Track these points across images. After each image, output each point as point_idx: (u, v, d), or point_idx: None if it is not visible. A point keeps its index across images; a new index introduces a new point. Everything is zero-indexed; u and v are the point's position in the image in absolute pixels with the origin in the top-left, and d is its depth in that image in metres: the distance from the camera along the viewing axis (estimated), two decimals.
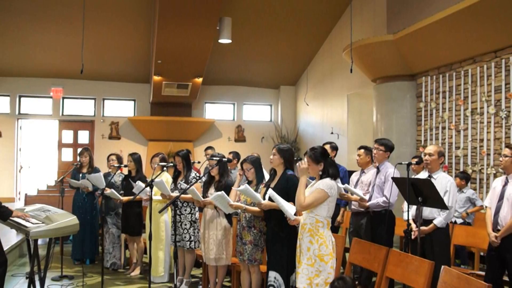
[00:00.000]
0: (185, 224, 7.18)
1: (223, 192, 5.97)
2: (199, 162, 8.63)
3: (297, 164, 4.92)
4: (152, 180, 6.40)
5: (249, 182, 6.07)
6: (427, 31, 9.59)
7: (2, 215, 5.28)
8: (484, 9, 8.19)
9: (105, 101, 18.52)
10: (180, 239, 7.16)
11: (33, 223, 5.15)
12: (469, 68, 9.39)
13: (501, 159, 5.64)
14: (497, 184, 5.73)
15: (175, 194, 6.96)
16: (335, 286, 4.34)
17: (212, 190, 6.55)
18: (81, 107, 18.34)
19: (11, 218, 5.29)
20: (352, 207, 6.91)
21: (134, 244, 8.41)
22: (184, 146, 9.44)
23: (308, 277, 4.75)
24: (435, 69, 10.32)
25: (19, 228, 5.26)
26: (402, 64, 10.78)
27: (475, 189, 9.06)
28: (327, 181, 4.83)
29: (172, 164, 7.07)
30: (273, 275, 5.41)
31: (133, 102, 18.81)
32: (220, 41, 14.19)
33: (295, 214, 5.05)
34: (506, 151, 5.60)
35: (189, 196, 6.70)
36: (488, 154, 8.86)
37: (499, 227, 5.48)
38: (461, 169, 9.46)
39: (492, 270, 5.57)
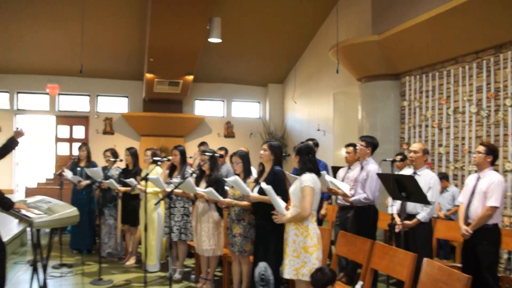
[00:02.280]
0: (177, 217, 7.43)
1: (211, 189, 6.22)
2: (190, 157, 8.87)
3: (273, 217, 5.20)
4: (147, 175, 6.65)
5: (237, 176, 6.23)
6: (411, 32, 9.80)
7: (5, 205, 5.45)
8: (466, 12, 8.44)
9: (99, 97, 18.76)
10: (172, 231, 7.41)
11: (36, 214, 5.30)
12: (452, 69, 9.61)
13: (474, 155, 5.81)
14: (470, 180, 5.92)
15: (170, 187, 7.26)
16: (314, 278, 4.68)
17: (203, 183, 6.77)
18: (77, 103, 18.57)
19: (14, 208, 5.46)
20: (338, 201, 7.17)
21: (130, 235, 8.71)
22: (176, 142, 9.67)
23: (294, 268, 4.98)
24: (418, 69, 10.53)
25: (22, 218, 5.41)
26: (386, 64, 11.00)
27: (456, 185, 9.30)
28: (308, 176, 5.07)
29: (166, 158, 7.34)
30: (263, 265, 5.59)
31: (126, 98, 19.03)
32: (210, 40, 14.40)
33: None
34: (480, 148, 5.76)
35: (180, 191, 6.93)
36: (470, 152, 9.06)
37: (469, 221, 5.69)
38: (444, 166, 9.71)
39: (468, 263, 5.74)
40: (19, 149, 17.70)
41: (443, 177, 8.96)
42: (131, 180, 7.77)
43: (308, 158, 5.22)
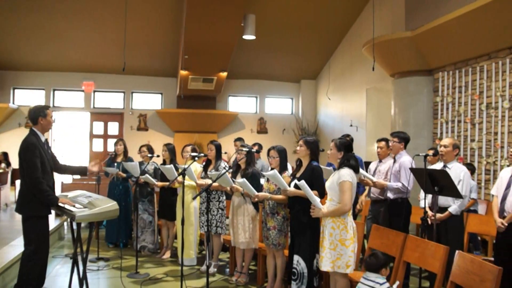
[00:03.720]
0: (213, 211, 7.55)
1: (244, 179, 6.33)
2: (225, 153, 8.97)
3: (311, 211, 5.27)
4: (185, 169, 6.77)
5: (272, 170, 6.39)
6: (444, 28, 9.81)
7: (51, 201, 5.66)
8: (500, 8, 8.42)
9: (134, 94, 19.04)
10: (209, 225, 7.53)
11: (77, 208, 5.43)
12: (485, 64, 9.58)
13: (511, 150, 5.85)
14: (504, 174, 5.93)
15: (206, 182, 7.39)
16: (368, 262, 4.75)
17: (238, 178, 6.84)
18: (111, 100, 18.88)
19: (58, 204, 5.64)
20: (371, 195, 7.21)
21: (167, 229, 8.86)
22: (209, 138, 9.80)
23: (331, 260, 5.05)
24: (451, 65, 10.52)
25: (64, 212, 5.57)
26: (419, 60, 11.03)
27: (488, 180, 9.33)
28: (347, 170, 5.13)
29: (202, 154, 7.46)
30: (296, 258, 5.72)
31: (160, 95, 19.27)
32: (244, 37, 14.50)
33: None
34: None
35: (216, 184, 7.01)
36: (502, 147, 9.06)
37: (505, 214, 5.68)
38: (476, 161, 9.71)
39: (500, 255, 5.75)
40: (55, 145, 18.14)
41: (470, 168, 8.80)
42: (171, 167, 7.91)
43: (351, 154, 5.33)
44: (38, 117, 5.83)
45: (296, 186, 5.54)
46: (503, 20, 8.61)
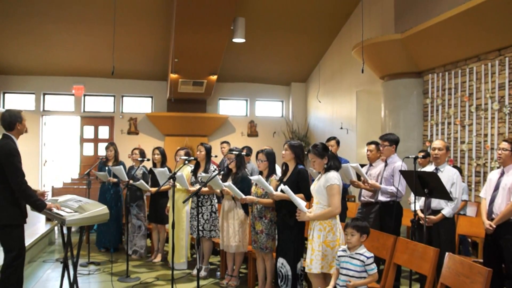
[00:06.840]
0: (206, 215, 7.61)
1: (230, 183, 6.43)
2: (216, 156, 9.01)
3: (296, 215, 5.34)
4: (175, 173, 6.76)
5: (260, 173, 6.47)
6: (434, 31, 9.81)
7: (38, 207, 5.60)
8: (489, 10, 8.43)
9: (124, 98, 18.87)
10: (202, 229, 7.57)
11: (67, 212, 5.42)
12: (474, 66, 9.58)
13: (499, 152, 5.78)
14: (493, 176, 5.94)
15: (196, 187, 7.39)
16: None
17: (229, 181, 6.89)
18: (101, 104, 18.70)
19: (46, 209, 5.59)
20: (362, 198, 7.22)
21: (157, 233, 8.87)
22: (199, 141, 9.82)
23: (320, 262, 5.11)
24: (441, 67, 10.54)
25: (54, 216, 5.53)
26: (409, 62, 11.03)
27: (478, 182, 9.33)
28: (333, 174, 5.21)
29: (193, 158, 7.45)
30: (280, 261, 5.78)
31: (150, 98, 19.16)
32: (234, 40, 14.48)
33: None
34: (505, 144, 5.75)
35: (206, 189, 7.09)
36: (492, 149, 9.06)
37: (493, 216, 5.70)
38: (466, 163, 9.71)
39: (489, 257, 5.78)
40: (46, 150, 18.05)
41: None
42: (164, 169, 7.92)
43: (331, 155, 5.38)
44: (16, 122, 5.69)
45: (282, 190, 5.58)
46: (492, 22, 8.63)
